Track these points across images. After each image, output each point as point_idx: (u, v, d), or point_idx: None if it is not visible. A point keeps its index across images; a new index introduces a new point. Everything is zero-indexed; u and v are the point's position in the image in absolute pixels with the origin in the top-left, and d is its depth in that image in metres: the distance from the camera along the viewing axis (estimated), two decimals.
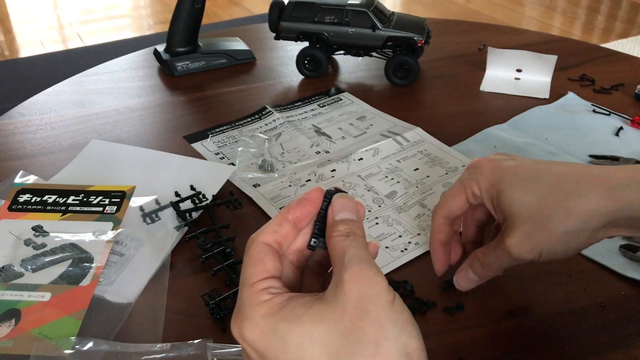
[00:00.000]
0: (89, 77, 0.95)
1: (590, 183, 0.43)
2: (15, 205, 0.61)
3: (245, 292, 0.33)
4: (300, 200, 0.37)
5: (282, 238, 0.36)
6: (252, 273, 0.34)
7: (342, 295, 0.31)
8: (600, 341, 0.50)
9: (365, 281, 0.31)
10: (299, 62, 0.93)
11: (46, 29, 3.01)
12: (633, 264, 0.57)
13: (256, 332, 0.31)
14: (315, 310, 0.31)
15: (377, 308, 0.30)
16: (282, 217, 0.36)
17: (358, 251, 0.33)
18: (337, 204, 0.37)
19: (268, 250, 0.35)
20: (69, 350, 0.47)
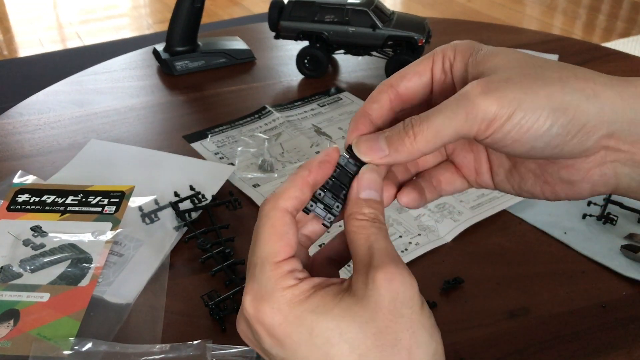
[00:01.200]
0: (88, 76, 0.95)
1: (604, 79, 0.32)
2: (13, 206, 0.61)
3: (268, 271, 0.30)
4: (321, 162, 0.33)
5: (301, 205, 0.32)
6: (276, 249, 0.31)
7: (377, 295, 0.29)
8: (602, 341, 0.50)
9: (401, 281, 0.29)
10: (298, 62, 0.92)
11: (45, 29, 3.01)
12: (634, 264, 0.57)
13: (278, 318, 0.29)
14: (347, 305, 0.29)
15: (410, 312, 0.29)
16: (304, 180, 0.32)
17: (387, 244, 0.31)
18: (365, 178, 0.33)
19: (291, 221, 0.32)
20: (68, 350, 0.47)
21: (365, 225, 0.31)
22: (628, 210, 0.63)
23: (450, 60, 0.34)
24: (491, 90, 0.30)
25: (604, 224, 0.62)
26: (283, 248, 0.31)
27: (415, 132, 0.31)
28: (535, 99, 0.30)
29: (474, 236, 0.61)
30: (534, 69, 0.31)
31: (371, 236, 0.31)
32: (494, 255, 0.59)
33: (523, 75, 0.30)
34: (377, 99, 0.35)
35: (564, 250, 0.59)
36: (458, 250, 0.59)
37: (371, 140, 0.33)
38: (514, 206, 0.64)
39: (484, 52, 0.33)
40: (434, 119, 0.31)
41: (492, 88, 0.30)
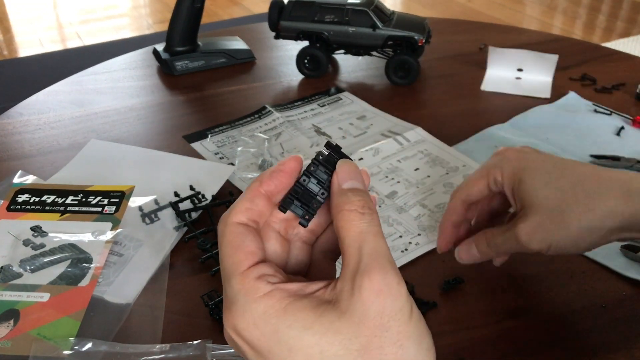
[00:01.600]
0: (88, 76, 0.95)
1: (612, 184, 0.44)
2: (13, 206, 0.61)
3: (237, 283, 0.29)
4: (273, 172, 0.33)
5: (257, 215, 0.32)
6: (238, 260, 0.30)
7: (361, 307, 0.27)
8: (602, 342, 0.50)
9: (388, 293, 0.28)
10: (298, 62, 0.92)
11: (45, 29, 3.01)
12: (634, 265, 0.57)
13: (255, 333, 0.28)
14: (327, 319, 0.28)
15: (398, 325, 0.28)
16: (254, 191, 0.32)
17: (377, 244, 0.29)
18: (343, 169, 0.33)
19: (246, 231, 0.31)
20: (68, 350, 0.47)
21: (354, 218, 0.30)
22: None
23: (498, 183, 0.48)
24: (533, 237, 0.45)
25: None
26: (244, 256, 0.30)
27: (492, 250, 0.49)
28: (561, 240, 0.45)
29: None
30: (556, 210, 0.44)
31: (361, 235, 0.30)
32: None
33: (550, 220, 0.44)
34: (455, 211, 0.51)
35: None
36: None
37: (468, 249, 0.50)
38: None
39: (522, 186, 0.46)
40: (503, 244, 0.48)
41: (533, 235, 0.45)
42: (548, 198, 0.44)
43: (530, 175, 0.46)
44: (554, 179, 0.45)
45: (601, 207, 0.43)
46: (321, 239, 0.36)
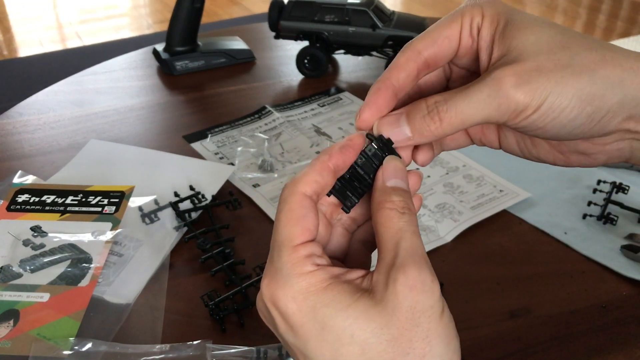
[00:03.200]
0: (88, 76, 0.95)
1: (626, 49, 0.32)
2: (13, 206, 0.61)
3: (286, 255, 0.30)
4: (342, 147, 0.32)
5: (321, 189, 0.32)
6: (293, 233, 0.30)
7: (395, 300, 0.28)
8: (602, 342, 0.50)
9: (421, 289, 0.28)
10: (298, 62, 0.92)
11: (45, 29, 3.01)
12: (634, 265, 0.57)
13: (292, 306, 0.29)
14: (363, 305, 0.28)
15: (428, 322, 0.28)
16: (323, 164, 0.32)
17: (414, 241, 0.29)
18: (390, 166, 0.32)
19: (310, 205, 0.31)
20: (68, 351, 0.47)
21: (393, 216, 0.30)
22: (628, 210, 0.63)
23: (478, 25, 0.33)
24: (524, 82, 0.30)
25: (604, 224, 0.62)
26: (301, 231, 0.30)
27: (442, 118, 0.31)
28: (564, 91, 0.30)
29: (474, 236, 0.61)
30: (563, 53, 0.30)
31: (399, 232, 0.30)
32: (494, 255, 0.59)
33: (553, 63, 0.30)
34: (404, 67, 0.33)
35: (564, 250, 0.59)
36: (458, 250, 0.59)
37: (393, 124, 0.33)
38: (514, 206, 0.64)
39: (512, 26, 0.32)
40: (463, 105, 0.31)
41: (524, 80, 0.30)
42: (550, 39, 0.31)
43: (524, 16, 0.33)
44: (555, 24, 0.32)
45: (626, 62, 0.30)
46: (362, 228, 0.36)
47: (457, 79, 0.37)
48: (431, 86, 0.37)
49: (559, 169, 0.70)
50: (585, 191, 0.67)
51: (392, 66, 0.34)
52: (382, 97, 0.33)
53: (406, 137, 0.32)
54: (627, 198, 0.64)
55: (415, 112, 0.32)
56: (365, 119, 0.33)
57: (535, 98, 0.30)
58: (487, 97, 0.30)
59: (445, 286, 0.55)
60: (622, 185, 0.64)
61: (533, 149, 0.36)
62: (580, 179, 0.69)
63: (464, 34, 0.34)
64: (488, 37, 0.33)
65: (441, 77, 0.37)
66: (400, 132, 0.32)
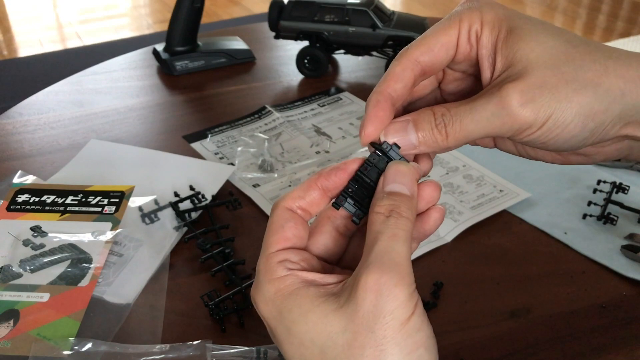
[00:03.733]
0: (88, 76, 0.95)
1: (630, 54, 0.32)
2: (13, 206, 0.61)
3: (261, 263, 0.32)
4: (334, 169, 0.33)
5: (308, 205, 0.33)
6: (270, 242, 0.32)
7: (354, 304, 0.28)
8: (602, 342, 0.50)
9: (382, 293, 0.27)
10: (298, 62, 0.92)
11: (45, 29, 3.01)
12: (634, 265, 0.57)
13: (266, 310, 0.31)
14: (322, 310, 0.29)
15: (384, 329, 0.27)
16: (310, 183, 0.33)
17: (388, 244, 0.29)
18: (390, 171, 0.32)
19: (290, 216, 0.33)
20: (68, 351, 0.47)
21: (376, 220, 0.30)
22: (628, 210, 0.63)
23: (477, 32, 0.32)
24: (528, 101, 0.30)
25: (604, 224, 0.62)
26: (277, 240, 0.32)
27: (448, 132, 0.31)
28: (567, 107, 0.30)
29: (474, 236, 0.61)
30: (567, 66, 0.30)
31: (377, 235, 0.30)
32: (494, 255, 0.59)
33: (557, 78, 0.30)
34: (402, 77, 0.33)
35: (564, 250, 0.59)
36: (458, 250, 0.59)
37: (400, 131, 0.32)
38: (514, 206, 0.64)
39: (515, 34, 0.31)
40: (468, 121, 0.31)
41: (529, 98, 0.30)
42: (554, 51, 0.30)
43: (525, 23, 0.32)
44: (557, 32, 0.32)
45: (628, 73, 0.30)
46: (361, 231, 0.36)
47: (450, 81, 0.37)
48: (422, 88, 0.37)
49: (559, 169, 0.70)
50: (585, 191, 0.67)
51: (389, 76, 0.33)
52: (382, 110, 0.33)
53: (412, 145, 0.32)
54: (627, 198, 0.64)
55: (424, 123, 0.32)
56: (369, 133, 0.33)
57: (539, 116, 0.30)
58: (491, 115, 0.30)
59: (445, 286, 0.55)
60: (622, 185, 0.64)
61: (531, 151, 0.36)
62: (581, 179, 0.69)
63: (461, 40, 0.33)
64: (489, 45, 0.32)
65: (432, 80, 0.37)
66: (407, 140, 0.32)
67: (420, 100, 0.37)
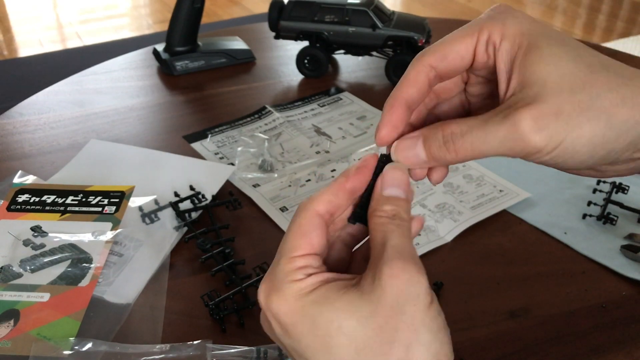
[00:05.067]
0: (88, 76, 0.95)
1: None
2: (13, 206, 0.61)
3: (283, 263, 0.32)
4: (358, 168, 0.34)
5: (335, 209, 0.33)
6: (295, 245, 0.32)
7: (380, 290, 0.29)
8: (601, 341, 0.50)
9: (406, 279, 0.29)
10: (298, 62, 0.92)
11: (45, 29, 3.01)
12: (634, 264, 0.57)
13: (284, 307, 0.31)
14: (349, 298, 0.29)
15: (414, 310, 0.29)
16: (340, 185, 0.33)
17: (401, 240, 0.31)
18: (388, 176, 0.33)
19: (319, 223, 0.33)
20: (68, 350, 0.47)
21: (383, 222, 0.32)
22: (628, 210, 0.63)
23: (494, 44, 0.32)
24: (541, 128, 0.30)
25: (604, 224, 0.62)
26: (302, 245, 0.32)
27: (458, 150, 0.32)
28: (579, 136, 0.30)
29: (474, 236, 0.61)
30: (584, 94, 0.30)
31: (387, 233, 0.31)
32: (494, 255, 0.59)
33: (572, 106, 0.30)
34: (416, 82, 0.34)
35: (564, 250, 0.59)
36: (458, 250, 0.59)
37: (410, 149, 0.33)
38: (514, 206, 0.64)
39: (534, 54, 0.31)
40: (479, 142, 0.31)
41: (542, 125, 0.30)
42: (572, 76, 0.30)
43: (548, 42, 0.31)
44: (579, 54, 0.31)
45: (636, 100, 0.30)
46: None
47: (474, 84, 0.37)
48: (448, 91, 0.37)
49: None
50: (585, 191, 0.67)
51: (404, 81, 0.34)
52: (396, 114, 0.34)
53: (422, 161, 0.33)
54: (626, 198, 0.64)
55: (432, 141, 0.32)
56: (383, 137, 0.34)
57: (550, 143, 0.30)
58: (503, 137, 0.30)
59: (445, 286, 0.55)
60: (622, 185, 0.65)
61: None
62: (580, 179, 0.69)
63: (479, 49, 0.33)
64: (507, 60, 0.32)
65: (458, 82, 0.37)
66: (416, 156, 0.33)
67: (446, 102, 0.38)
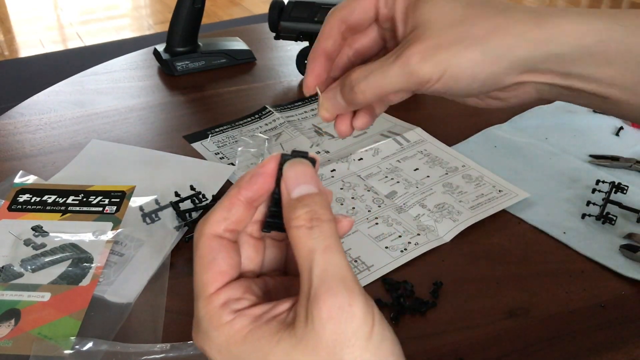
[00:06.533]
0: (89, 77, 0.95)
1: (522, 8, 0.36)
2: (15, 205, 0.61)
3: (202, 308, 0.29)
4: (252, 176, 0.31)
5: (234, 224, 0.30)
6: (205, 281, 0.29)
7: (314, 335, 0.27)
8: (601, 341, 0.50)
9: (340, 316, 0.27)
10: (299, 62, 0.93)
11: (46, 29, 3.01)
12: (633, 264, 0.57)
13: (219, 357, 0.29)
14: (284, 348, 0.27)
15: (352, 350, 0.27)
16: (231, 199, 0.30)
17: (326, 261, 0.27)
18: (290, 175, 0.30)
19: (219, 245, 0.30)
20: (69, 350, 0.47)
21: (302, 235, 0.28)
22: (627, 210, 0.63)
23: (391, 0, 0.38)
24: (427, 58, 0.35)
25: (603, 224, 0.62)
26: (213, 278, 0.30)
27: (363, 91, 0.37)
28: (459, 63, 0.35)
29: (473, 236, 0.61)
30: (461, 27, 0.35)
31: (309, 254, 0.28)
32: (493, 255, 0.59)
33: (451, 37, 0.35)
34: (330, 35, 0.40)
35: (563, 250, 0.59)
36: (457, 250, 0.60)
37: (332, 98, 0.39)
38: (513, 206, 0.64)
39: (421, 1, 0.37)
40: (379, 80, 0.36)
41: (427, 56, 0.35)
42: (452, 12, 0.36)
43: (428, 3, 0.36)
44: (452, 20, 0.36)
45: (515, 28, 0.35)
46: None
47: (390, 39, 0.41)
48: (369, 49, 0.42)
49: (558, 169, 0.71)
50: (584, 191, 0.67)
51: (320, 35, 0.40)
52: (317, 64, 0.40)
53: (343, 106, 0.39)
54: (626, 198, 0.64)
55: (343, 87, 0.38)
56: (309, 84, 0.41)
57: (435, 72, 0.35)
58: (398, 74, 0.35)
59: (445, 286, 0.55)
60: (621, 185, 0.65)
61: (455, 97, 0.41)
62: (580, 179, 0.69)
63: (380, 4, 0.39)
64: (402, 9, 0.38)
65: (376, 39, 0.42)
66: (338, 103, 0.39)
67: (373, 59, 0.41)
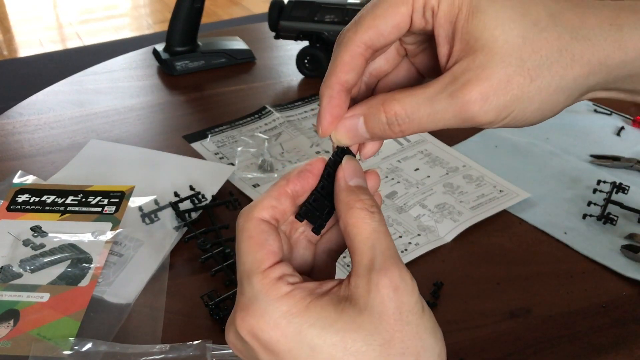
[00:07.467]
0: (88, 76, 0.95)
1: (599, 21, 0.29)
2: (13, 206, 0.61)
3: (257, 282, 0.29)
4: (301, 172, 0.32)
5: (280, 215, 0.31)
6: (260, 258, 0.29)
7: (380, 303, 0.28)
8: (602, 341, 0.50)
9: (404, 288, 0.28)
10: (298, 62, 0.92)
11: (45, 29, 3.01)
12: (634, 265, 0.57)
13: (276, 334, 0.28)
14: (349, 317, 0.28)
15: (416, 319, 0.28)
16: (280, 190, 0.32)
17: (389, 242, 0.29)
18: (350, 166, 0.32)
19: (269, 228, 0.31)
20: (68, 351, 0.47)
21: (365, 216, 0.30)
22: (628, 210, 0.63)
23: (433, 9, 0.29)
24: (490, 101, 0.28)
25: (604, 224, 0.62)
26: (266, 255, 0.30)
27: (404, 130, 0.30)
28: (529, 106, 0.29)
29: (474, 236, 0.61)
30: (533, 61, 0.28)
31: (373, 233, 0.29)
32: (494, 255, 0.59)
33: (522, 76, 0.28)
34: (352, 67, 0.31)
35: (564, 250, 0.59)
36: (458, 250, 0.59)
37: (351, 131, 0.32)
38: (514, 206, 0.64)
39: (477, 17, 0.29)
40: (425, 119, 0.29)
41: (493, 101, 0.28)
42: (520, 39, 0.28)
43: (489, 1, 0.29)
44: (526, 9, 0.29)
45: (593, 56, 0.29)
46: (325, 238, 0.35)
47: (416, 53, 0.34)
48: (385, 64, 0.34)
49: (559, 169, 0.70)
50: (585, 191, 0.67)
51: (338, 66, 0.31)
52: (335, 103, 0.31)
53: (364, 139, 0.32)
54: (627, 198, 0.64)
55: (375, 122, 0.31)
56: (326, 129, 0.32)
57: (501, 116, 0.29)
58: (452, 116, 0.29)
59: (445, 286, 0.55)
60: (622, 185, 0.64)
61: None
62: (580, 179, 0.69)
63: (415, 17, 0.30)
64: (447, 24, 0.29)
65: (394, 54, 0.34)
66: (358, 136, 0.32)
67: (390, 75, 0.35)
